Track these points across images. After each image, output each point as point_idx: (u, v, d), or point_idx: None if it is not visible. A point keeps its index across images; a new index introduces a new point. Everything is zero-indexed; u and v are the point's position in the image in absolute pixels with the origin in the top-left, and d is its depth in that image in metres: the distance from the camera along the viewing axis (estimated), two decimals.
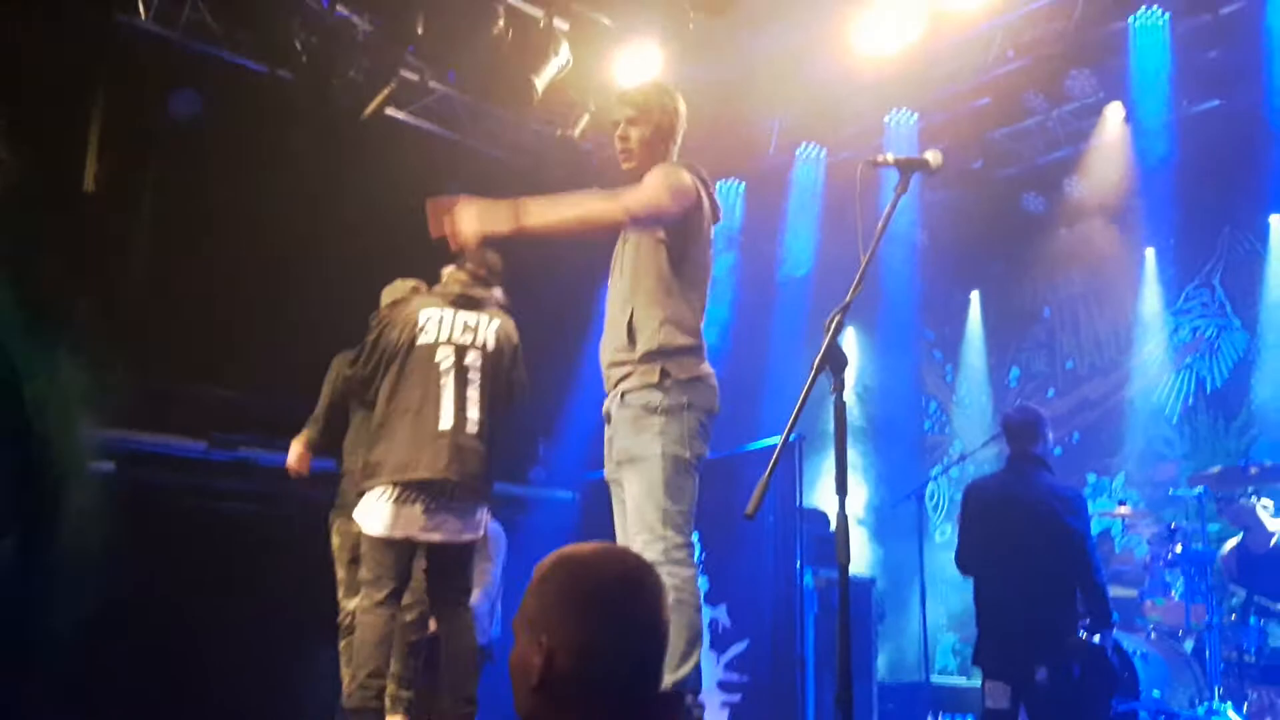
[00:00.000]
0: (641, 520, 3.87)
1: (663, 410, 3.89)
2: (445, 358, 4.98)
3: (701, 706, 3.90)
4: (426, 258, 6.99)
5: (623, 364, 4.01)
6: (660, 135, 4.22)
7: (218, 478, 7.31)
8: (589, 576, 1.97)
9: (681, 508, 3.86)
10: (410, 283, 5.65)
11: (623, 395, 3.99)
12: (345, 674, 5.23)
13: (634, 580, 1.99)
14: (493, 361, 5.05)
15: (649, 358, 3.94)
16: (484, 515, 5.02)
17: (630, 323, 3.99)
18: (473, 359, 5.01)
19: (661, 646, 1.98)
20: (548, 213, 3.83)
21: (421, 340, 5.02)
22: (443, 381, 4.94)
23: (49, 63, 6.62)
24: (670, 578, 3.66)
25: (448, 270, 5.29)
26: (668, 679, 3.62)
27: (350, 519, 5.12)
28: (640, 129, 4.20)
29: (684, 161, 4.23)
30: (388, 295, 5.77)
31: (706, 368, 4.04)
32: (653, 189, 3.97)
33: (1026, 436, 5.96)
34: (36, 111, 6.57)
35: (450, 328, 5.05)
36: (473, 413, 4.93)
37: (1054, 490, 5.82)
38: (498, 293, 5.30)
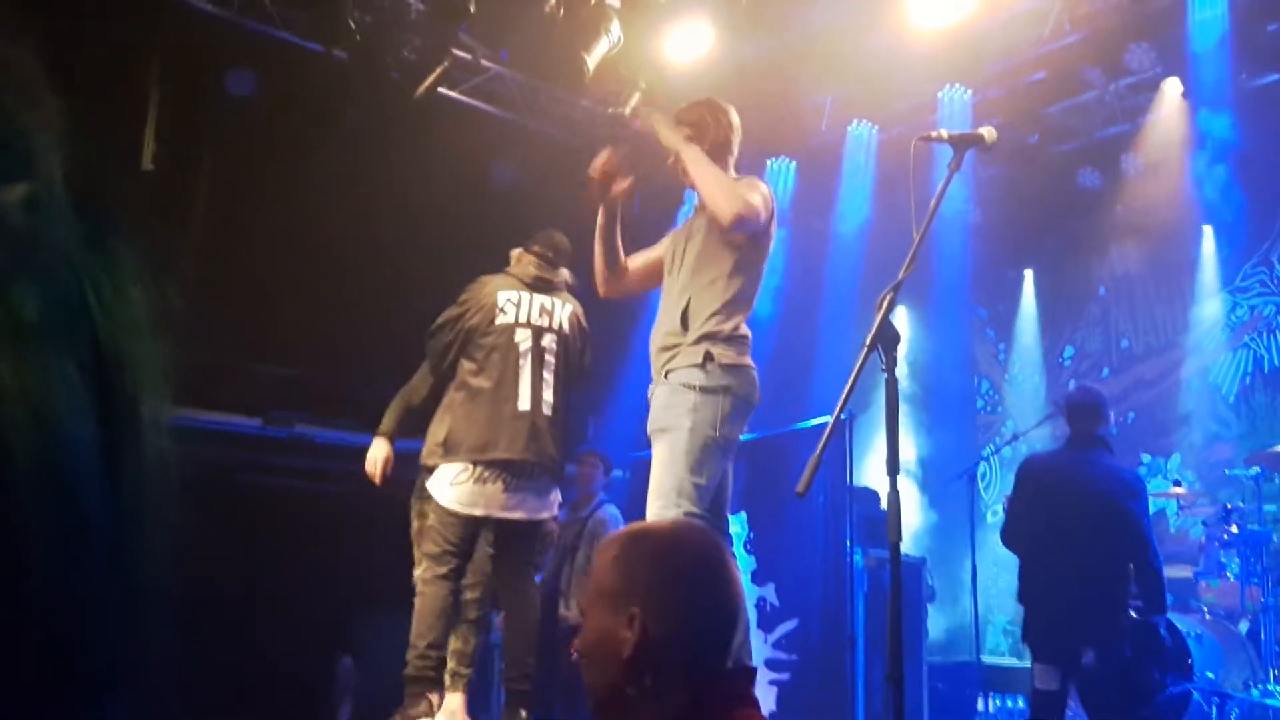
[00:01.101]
0: (659, 487, 3.98)
1: (700, 389, 4.00)
2: (524, 340, 5.07)
3: None
4: (479, 234, 7.04)
5: (673, 347, 4.13)
6: (717, 150, 4.34)
7: (272, 454, 7.39)
8: (677, 548, 1.98)
9: (701, 481, 3.95)
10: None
11: (666, 374, 4.12)
12: None
13: (718, 550, 2.01)
14: (566, 345, 5.15)
15: (697, 341, 4.06)
16: (556, 495, 5.13)
17: (685, 310, 4.11)
18: (549, 342, 5.11)
19: (735, 622, 1.98)
20: (699, 161, 4.14)
21: (500, 321, 5.09)
22: (521, 363, 5.03)
23: (107, 41, 6.70)
24: None
25: (516, 252, 5.35)
26: None
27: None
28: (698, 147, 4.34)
29: (746, 177, 4.39)
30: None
31: (749, 360, 4.16)
32: (752, 202, 4.12)
33: (1090, 417, 5.91)
34: (95, 89, 6.65)
35: (529, 310, 5.13)
36: (548, 395, 5.03)
37: (1115, 472, 5.78)
38: (567, 274, 5.36)
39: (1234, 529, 6.93)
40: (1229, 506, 7.13)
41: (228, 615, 6.62)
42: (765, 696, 7.16)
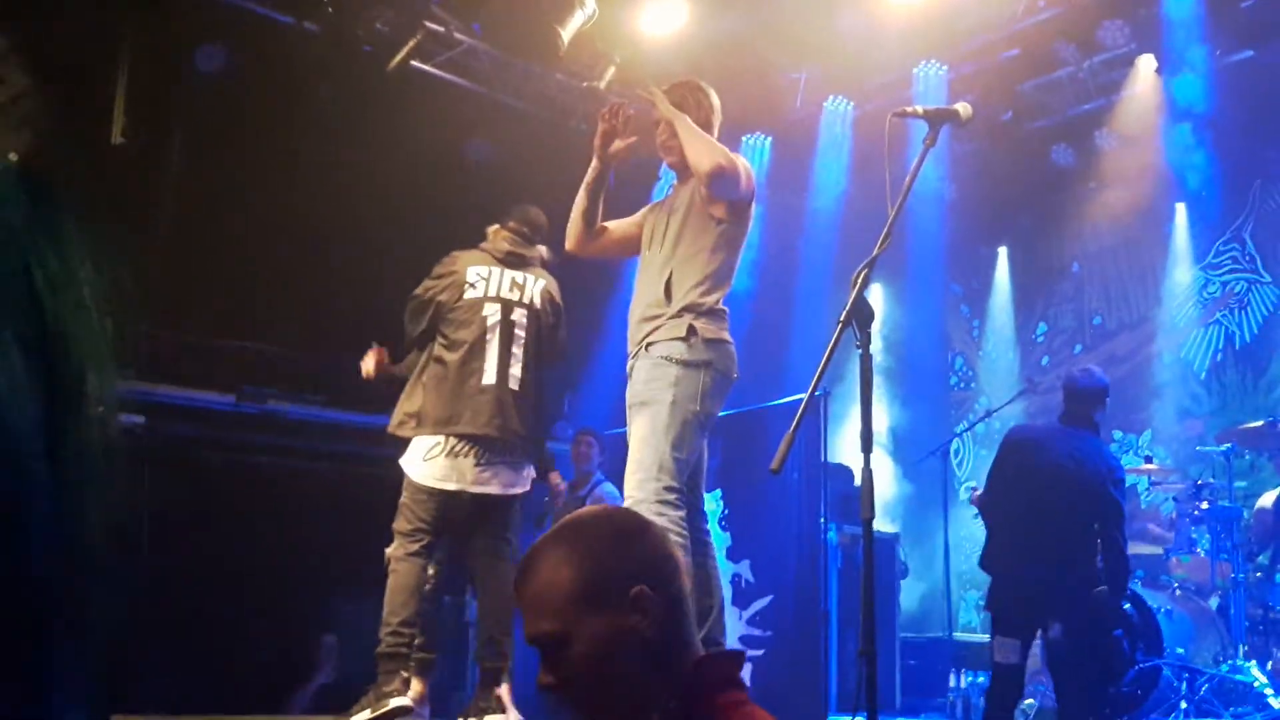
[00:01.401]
0: (639, 460, 3.99)
1: (682, 362, 4.01)
2: (492, 314, 5.04)
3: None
4: (453, 209, 7.00)
5: (654, 318, 4.13)
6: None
7: (247, 431, 7.35)
8: (617, 520, 1.95)
9: (680, 455, 3.96)
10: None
11: (647, 346, 4.11)
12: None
13: (658, 529, 1.98)
14: (537, 320, 5.12)
15: (680, 314, 4.07)
16: (530, 471, 5.11)
17: (669, 281, 4.13)
18: (519, 316, 5.08)
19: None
20: (690, 127, 4.24)
21: (468, 295, 5.07)
22: (488, 337, 5.01)
23: (75, 14, 6.62)
24: (660, 518, 3.77)
25: (493, 228, 5.33)
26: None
27: None
28: None
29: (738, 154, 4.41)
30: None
31: (728, 335, 4.18)
32: (734, 160, 4.18)
33: (1091, 401, 5.96)
34: (63, 64, 6.58)
35: (498, 285, 5.11)
36: (515, 369, 5.00)
37: (1102, 455, 5.85)
38: (543, 249, 5.36)
39: (1205, 505, 6.99)
40: (1200, 483, 7.18)
41: (201, 592, 6.60)
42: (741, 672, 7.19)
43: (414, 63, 8.43)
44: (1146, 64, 8.68)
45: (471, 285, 5.09)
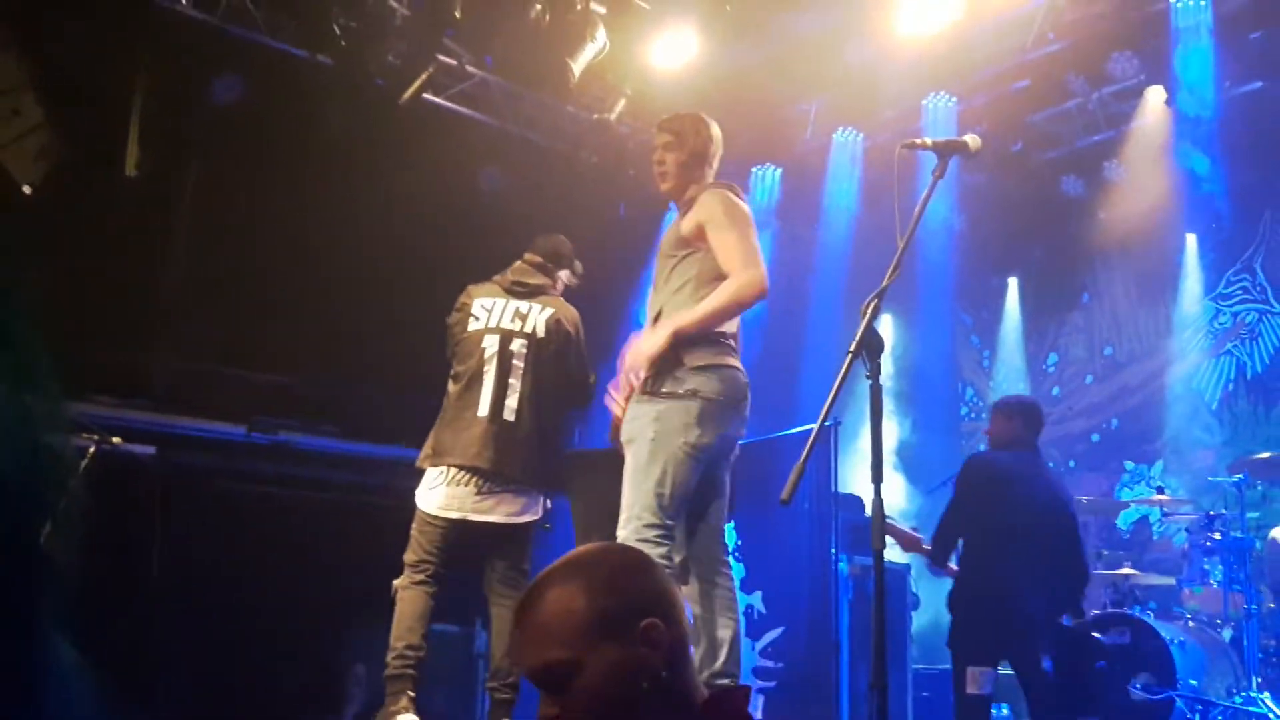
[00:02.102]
0: (624, 501, 4.02)
1: (666, 395, 4.02)
2: (490, 345, 5.05)
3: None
4: (465, 241, 7.03)
5: None
6: (695, 159, 4.45)
7: (258, 461, 7.36)
8: (620, 555, 1.96)
9: (664, 490, 3.95)
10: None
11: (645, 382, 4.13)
12: None
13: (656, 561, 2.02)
14: (540, 349, 5.06)
15: (672, 346, 4.06)
16: (539, 501, 5.05)
17: (658, 318, 4.16)
18: (518, 346, 5.04)
19: None
20: (693, 313, 4.06)
21: (471, 328, 5.10)
22: (485, 369, 5.01)
23: (89, 47, 6.68)
24: None
25: (519, 263, 5.35)
26: None
27: None
28: (676, 154, 4.44)
29: (724, 183, 4.46)
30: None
31: (728, 360, 4.14)
32: (740, 247, 4.18)
33: (1039, 424, 5.95)
34: (77, 96, 6.64)
35: (500, 315, 5.10)
36: (511, 401, 4.97)
37: (1062, 481, 5.90)
38: (564, 275, 5.33)
39: (1217, 536, 6.96)
40: (1212, 513, 7.15)
41: (216, 622, 6.60)
42: (752, 704, 7.16)
43: (426, 95, 8.48)
44: (1155, 95, 8.69)
45: (475, 318, 5.12)
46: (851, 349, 2.99)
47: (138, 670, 6.14)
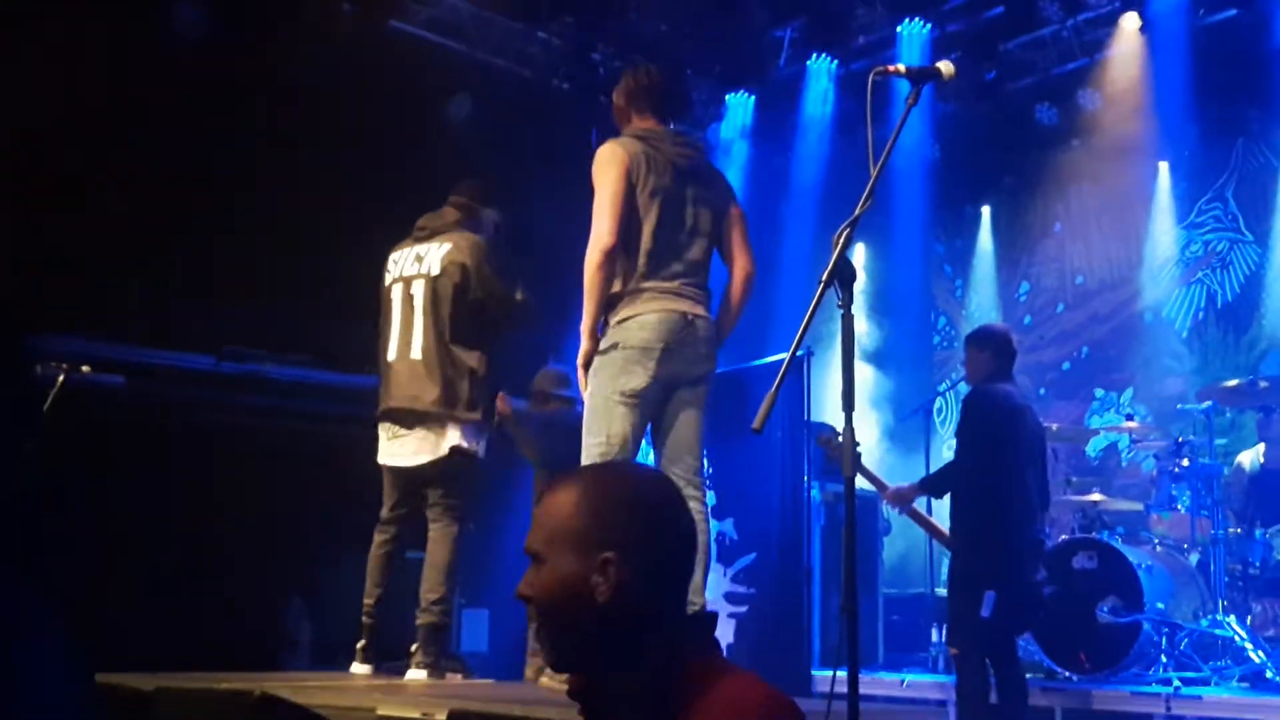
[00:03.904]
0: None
1: (598, 354, 4.29)
2: (397, 295, 5.17)
3: None
4: (434, 169, 6.96)
5: None
6: (621, 120, 4.64)
7: (227, 392, 7.33)
8: (645, 489, 1.94)
9: (599, 439, 4.19)
10: None
11: None
12: None
13: (669, 491, 1.98)
14: (438, 286, 5.07)
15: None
16: (456, 433, 5.03)
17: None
18: (417, 288, 5.11)
19: (698, 560, 1.97)
20: (584, 313, 4.30)
21: (385, 284, 5.25)
22: (393, 318, 5.15)
23: None
24: None
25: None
26: None
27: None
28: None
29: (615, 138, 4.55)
30: None
31: (647, 306, 4.28)
32: (595, 209, 4.32)
33: (1009, 354, 5.98)
34: (34, 18, 6.53)
35: (403, 265, 5.21)
36: (416, 338, 5.05)
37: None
38: (490, 213, 5.40)
39: (1185, 463, 7.03)
40: (1180, 440, 7.22)
41: (183, 552, 6.60)
42: (724, 629, 7.24)
43: (395, 21, 8.37)
44: (1130, 22, 8.66)
45: (389, 273, 5.26)
46: (824, 278, 2.97)
47: (103, 600, 6.14)
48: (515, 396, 6.60)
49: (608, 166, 4.34)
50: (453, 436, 5.01)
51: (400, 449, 5.09)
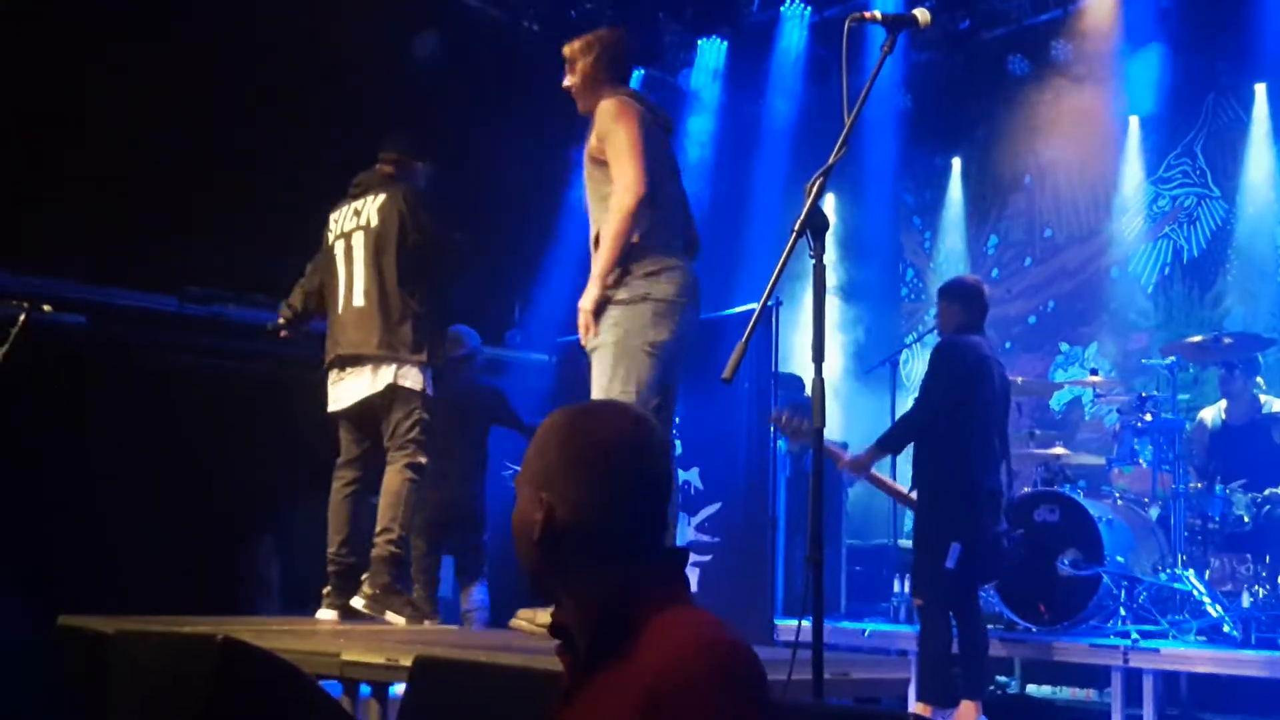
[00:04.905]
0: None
1: (619, 302, 4.20)
2: (339, 251, 5.27)
3: None
4: (400, 106, 6.86)
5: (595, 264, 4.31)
6: (588, 80, 4.51)
7: (190, 333, 7.26)
8: (590, 431, 1.94)
9: (628, 389, 4.15)
10: None
11: None
12: None
13: (635, 434, 1.96)
14: (377, 237, 5.18)
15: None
16: (392, 370, 5.11)
17: (598, 233, 4.30)
18: (357, 240, 5.21)
19: (663, 502, 1.96)
20: (602, 259, 4.21)
21: (327, 243, 5.36)
22: (338, 272, 5.24)
23: None
24: None
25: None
26: None
27: None
28: (572, 78, 4.55)
29: (621, 90, 4.48)
30: None
31: (674, 260, 4.29)
32: (617, 158, 4.23)
33: (979, 306, 5.99)
34: None
35: (341, 223, 5.31)
36: (358, 286, 5.16)
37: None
38: (421, 165, 5.48)
39: (1148, 417, 7.07)
40: (1144, 395, 7.27)
41: (146, 494, 6.56)
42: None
43: None
44: None
45: (330, 231, 5.36)
46: (795, 227, 2.95)
47: (66, 542, 6.10)
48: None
49: (626, 116, 4.28)
50: (388, 374, 5.10)
51: (341, 392, 5.20)
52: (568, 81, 4.53)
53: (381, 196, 5.24)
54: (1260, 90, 8.91)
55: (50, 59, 6.64)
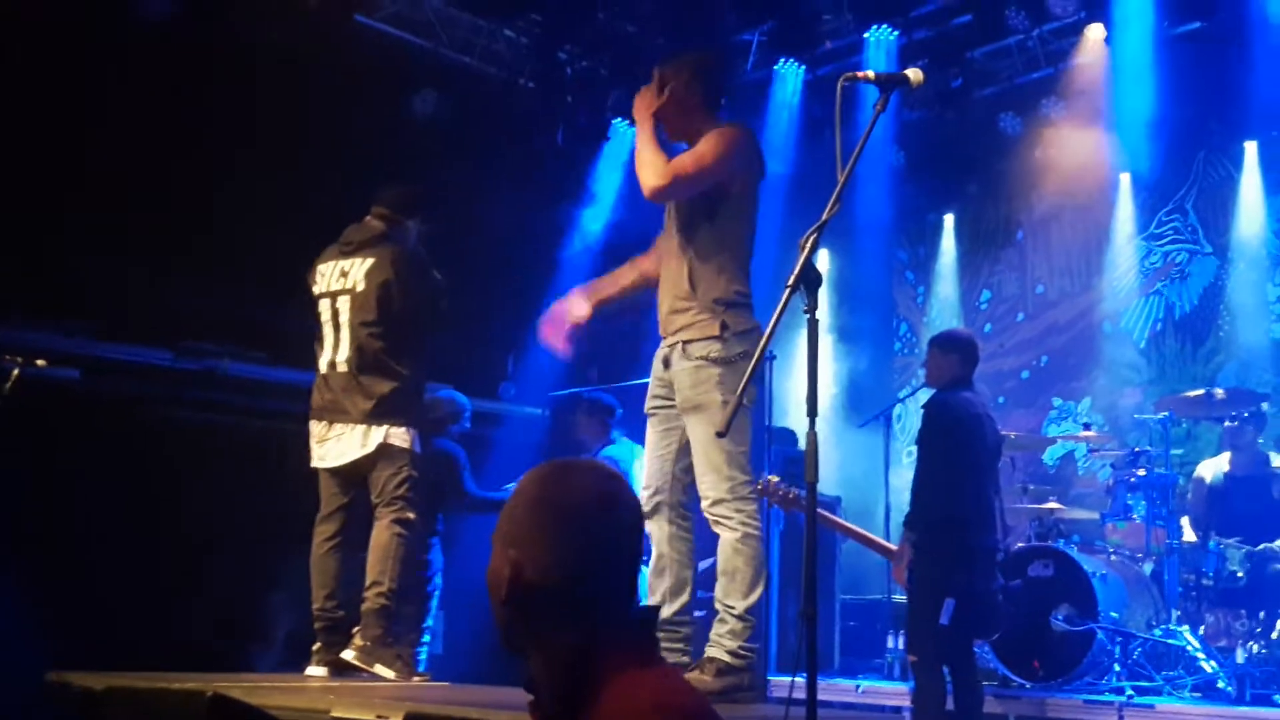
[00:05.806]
0: (708, 462, 4.22)
1: (722, 361, 4.19)
2: (324, 310, 5.26)
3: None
4: (397, 164, 6.91)
5: (684, 310, 4.29)
6: (683, 106, 4.45)
7: (185, 387, 7.25)
8: (559, 492, 1.94)
9: (743, 449, 4.21)
10: None
11: (684, 345, 4.27)
12: None
13: (605, 495, 1.95)
14: (363, 300, 5.17)
15: (709, 308, 4.25)
16: (383, 430, 5.11)
17: (690, 274, 4.29)
18: (342, 304, 5.20)
19: (633, 562, 1.96)
20: (641, 142, 4.28)
21: (315, 294, 5.32)
22: (324, 333, 5.24)
23: None
24: (737, 513, 4.17)
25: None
26: (740, 605, 4.23)
27: None
28: (666, 106, 4.44)
29: (728, 128, 4.43)
30: None
31: (754, 320, 4.33)
32: (679, 175, 4.25)
33: (974, 360, 5.99)
34: None
35: (328, 280, 5.29)
36: (343, 352, 5.16)
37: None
38: (413, 224, 5.44)
39: (1141, 472, 7.08)
40: (1137, 450, 7.27)
41: (141, 549, 6.52)
42: None
43: (359, 16, 8.30)
44: (1095, 33, 8.70)
45: (316, 284, 5.33)
46: (790, 283, 2.97)
47: (63, 598, 6.06)
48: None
49: (737, 150, 4.32)
50: (378, 435, 5.10)
51: (327, 451, 5.18)
52: (657, 104, 4.41)
53: (370, 261, 5.21)
54: (1250, 148, 9.00)
55: (45, 114, 6.69)
